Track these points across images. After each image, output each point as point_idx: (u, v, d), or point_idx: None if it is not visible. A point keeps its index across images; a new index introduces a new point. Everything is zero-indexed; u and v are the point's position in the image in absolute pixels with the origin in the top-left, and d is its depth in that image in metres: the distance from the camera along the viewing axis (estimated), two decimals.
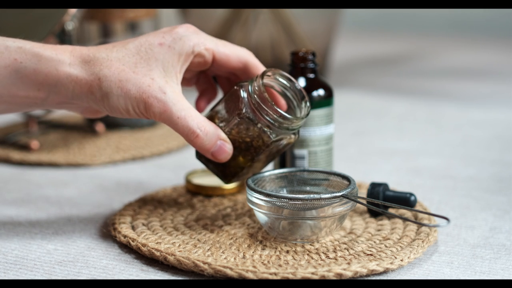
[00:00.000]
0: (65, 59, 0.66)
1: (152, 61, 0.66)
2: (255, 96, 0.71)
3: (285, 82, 0.75)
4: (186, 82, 0.76)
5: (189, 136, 0.68)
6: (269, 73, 0.73)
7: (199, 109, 0.78)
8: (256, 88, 0.71)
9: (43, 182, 0.93)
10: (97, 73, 0.66)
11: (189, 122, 0.68)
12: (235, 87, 0.73)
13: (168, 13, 1.61)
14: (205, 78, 0.78)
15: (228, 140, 0.71)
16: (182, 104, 0.68)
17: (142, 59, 0.65)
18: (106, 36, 1.13)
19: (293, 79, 0.75)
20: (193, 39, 0.70)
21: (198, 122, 0.69)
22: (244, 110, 0.71)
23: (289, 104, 0.75)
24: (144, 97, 0.67)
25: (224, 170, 0.75)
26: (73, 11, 1.03)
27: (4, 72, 0.66)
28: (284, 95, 0.75)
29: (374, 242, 0.71)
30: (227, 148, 0.71)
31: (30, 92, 0.67)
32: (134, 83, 0.66)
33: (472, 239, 0.74)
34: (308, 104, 0.74)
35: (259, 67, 0.75)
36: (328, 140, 0.81)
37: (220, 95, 0.80)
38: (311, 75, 0.80)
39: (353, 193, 0.70)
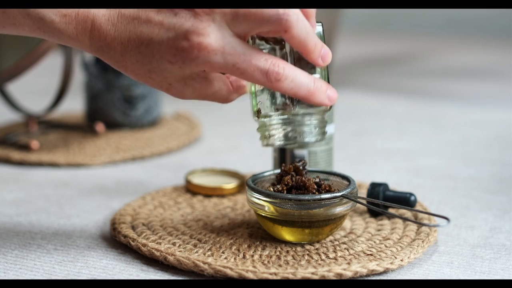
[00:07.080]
0: (85, 41, 0.67)
1: (166, 73, 0.66)
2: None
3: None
4: None
5: None
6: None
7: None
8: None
9: (43, 182, 0.93)
10: (115, 66, 0.67)
11: None
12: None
13: None
14: None
15: None
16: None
17: (155, 69, 0.65)
18: None
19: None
20: (203, 64, 0.63)
21: None
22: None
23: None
24: (164, 91, 0.68)
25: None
26: None
27: (29, 33, 0.67)
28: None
29: (374, 242, 0.71)
30: None
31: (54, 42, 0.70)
32: (152, 84, 0.67)
33: (472, 239, 0.74)
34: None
35: None
36: (328, 140, 0.81)
37: None
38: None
39: (353, 193, 0.70)
